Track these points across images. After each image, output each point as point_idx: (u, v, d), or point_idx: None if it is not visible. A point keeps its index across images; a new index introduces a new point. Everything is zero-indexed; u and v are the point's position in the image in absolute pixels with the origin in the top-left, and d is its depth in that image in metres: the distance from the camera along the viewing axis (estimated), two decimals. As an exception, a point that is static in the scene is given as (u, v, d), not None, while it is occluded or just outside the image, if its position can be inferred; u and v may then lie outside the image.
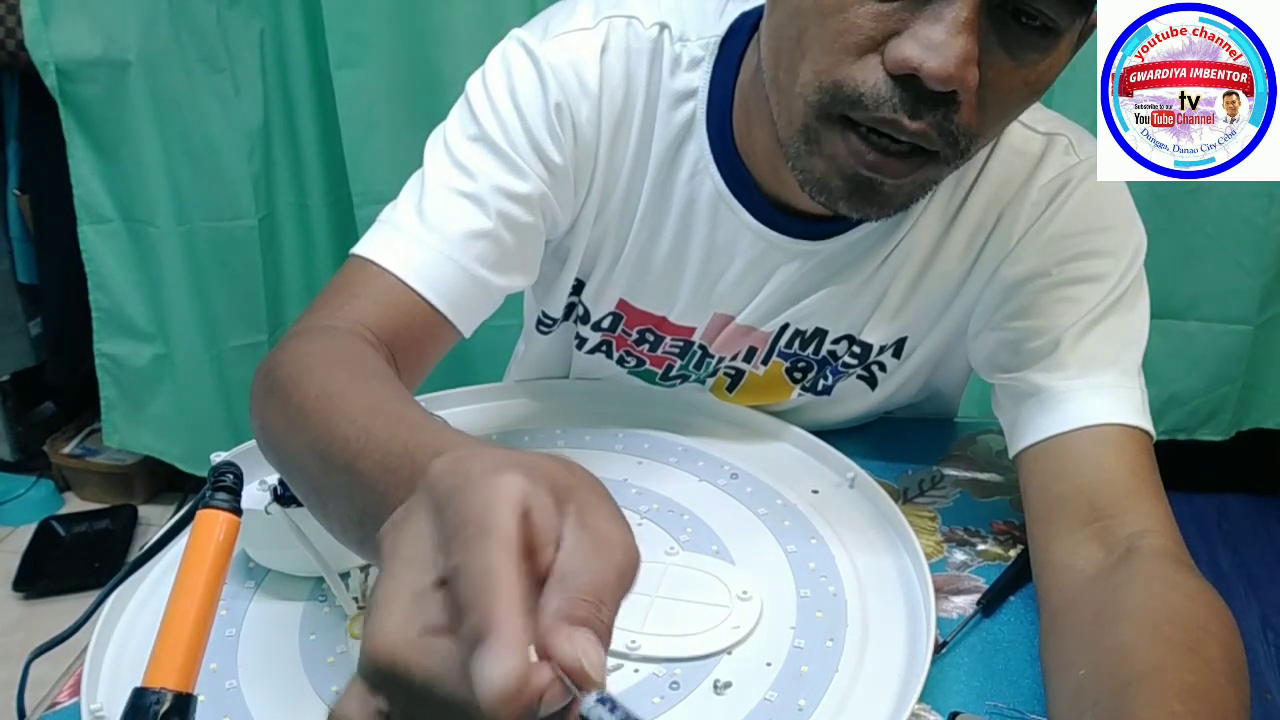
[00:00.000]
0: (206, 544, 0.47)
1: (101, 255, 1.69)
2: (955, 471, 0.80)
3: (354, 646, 0.61)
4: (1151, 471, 0.63)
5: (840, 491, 0.74)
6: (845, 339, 0.77)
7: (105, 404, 1.81)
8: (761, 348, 0.79)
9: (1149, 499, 0.62)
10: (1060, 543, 0.62)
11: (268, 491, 0.68)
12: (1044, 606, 0.61)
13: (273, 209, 1.70)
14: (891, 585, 0.65)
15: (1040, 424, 0.66)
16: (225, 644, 0.62)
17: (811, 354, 0.78)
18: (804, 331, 0.77)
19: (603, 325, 0.81)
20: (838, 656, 0.59)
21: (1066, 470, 0.64)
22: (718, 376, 0.83)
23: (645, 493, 0.74)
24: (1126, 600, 0.55)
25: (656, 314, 0.78)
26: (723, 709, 0.56)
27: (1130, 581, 0.57)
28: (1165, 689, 0.48)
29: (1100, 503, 0.62)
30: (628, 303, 0.78)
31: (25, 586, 1.84)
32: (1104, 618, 0.55)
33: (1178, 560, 0.58)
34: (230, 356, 1.78)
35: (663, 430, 0.82)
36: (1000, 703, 0.58)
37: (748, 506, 0.73)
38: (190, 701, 0.43)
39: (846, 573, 0.66)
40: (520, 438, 0.82)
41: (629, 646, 0.59)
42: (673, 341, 0.80)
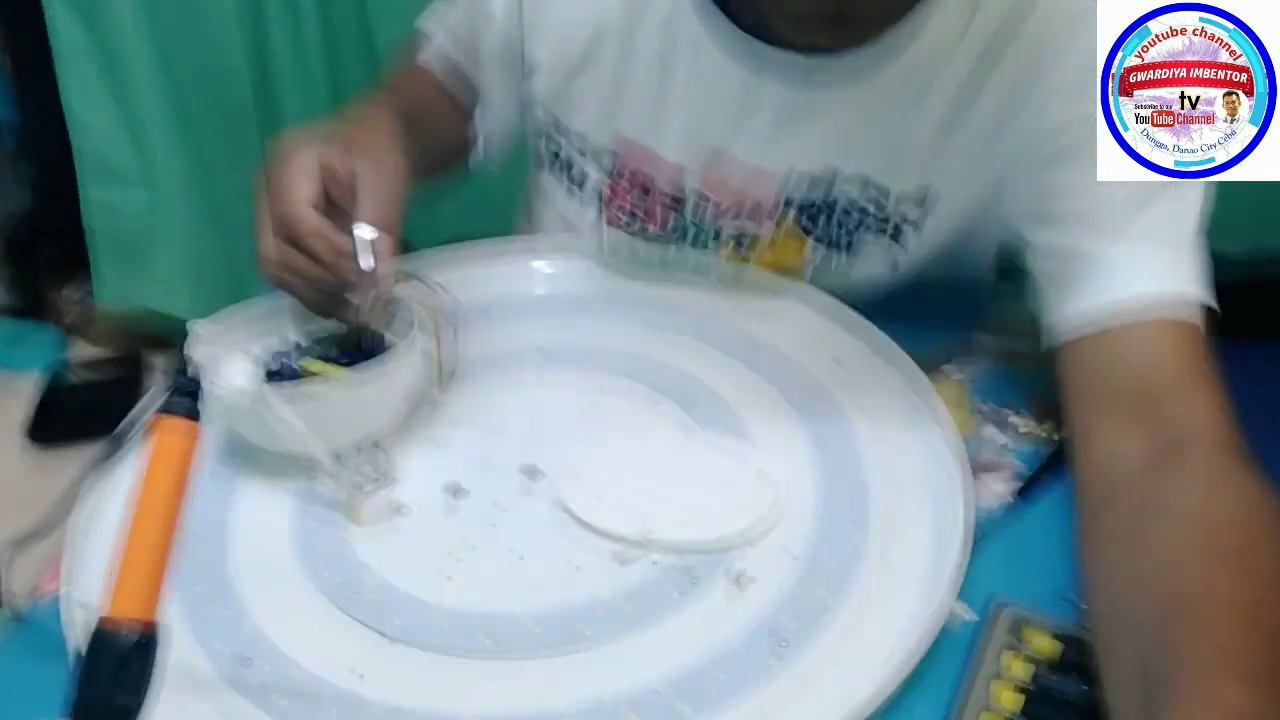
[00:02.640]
0: (166, 456, 0.43)
1: (80, 92, 1.57)
2: (991, 340, 0.73)
3: (353, 532, 0.58)
4: (1208, 356, 0.58)
5: (864, 360, 0.69)
6: (859, 180, 0.71)
7: (95, 256, 1.71)
8: (768, 198, 0.74)
9: (1203, 386, 0.56)
10: (1103, 432, 0.57)
11: (255, 364, 0.64)
12: (1082, 499, 0.57)
13: (261, 38, 1.58)
14: (922, 468, 0.61)
15: (1086, 301, 0.60)
16: (218, 530, 0.59)
17: (822, 197, 0.72)
18: (812, 171, 0.71)
19: (601, 163, 0.78)
20: (864, 547, 0.55)
21: (1113, 356, 0.59)
22: (725, 245, 0.78)
23: (658, 365, 0.70)
24: (1172, 501, 0.51)
25: (650, 147, 0.75)
26: (743, 604, 0.53)
27: (1177, 480, 0.52)
28: (1212, 614, 0.44)
29: (1150, 391, 0.57)
30: (623, 135, 0.76)
31: (39, 434, 1.84)
32: (1147, 519, 0.51)
33: (1231, 455, 0.53)
34: (226, 198, 1.67)
35: (678, 296, 0.77)
36: (1041, 586, 0.54)
37: (768, 379, 0.68)
38: (155, 633, 0.40)
39: (873, 454, 0.62)
40: (526, 301, 0.77)
41: (644, 534, 0.56)
42: (669, 187, 0.76)
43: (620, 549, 0.56)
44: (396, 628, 0.52)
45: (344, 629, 0.53)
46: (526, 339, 0.73)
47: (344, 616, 0.53)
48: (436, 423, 0.66)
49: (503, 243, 0.82)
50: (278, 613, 0.54)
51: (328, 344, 0.65)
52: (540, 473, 0.61)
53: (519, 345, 0.72)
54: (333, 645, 0.52)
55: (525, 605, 0.53)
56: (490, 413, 0.66)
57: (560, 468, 0.61)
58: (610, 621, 0.52)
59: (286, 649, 0.51)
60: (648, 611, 0.52)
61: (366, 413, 0.62)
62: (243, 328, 0.66)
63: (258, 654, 0.51)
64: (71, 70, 1.56)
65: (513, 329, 0.74)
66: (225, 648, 0.52)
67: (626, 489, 0.59)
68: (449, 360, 0.68)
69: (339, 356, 0.63)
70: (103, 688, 0.39)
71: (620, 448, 0.63)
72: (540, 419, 0.66)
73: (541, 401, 0.67)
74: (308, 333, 0.67)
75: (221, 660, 0.51)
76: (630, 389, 0.68)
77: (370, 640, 0.52)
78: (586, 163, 0.79)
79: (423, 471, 0.62)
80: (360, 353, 0.64)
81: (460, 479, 0.61)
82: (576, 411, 0.66)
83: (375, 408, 0.62)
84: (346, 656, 0.51)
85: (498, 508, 0.59)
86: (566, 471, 0.60)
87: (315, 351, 0.64)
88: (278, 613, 0.54)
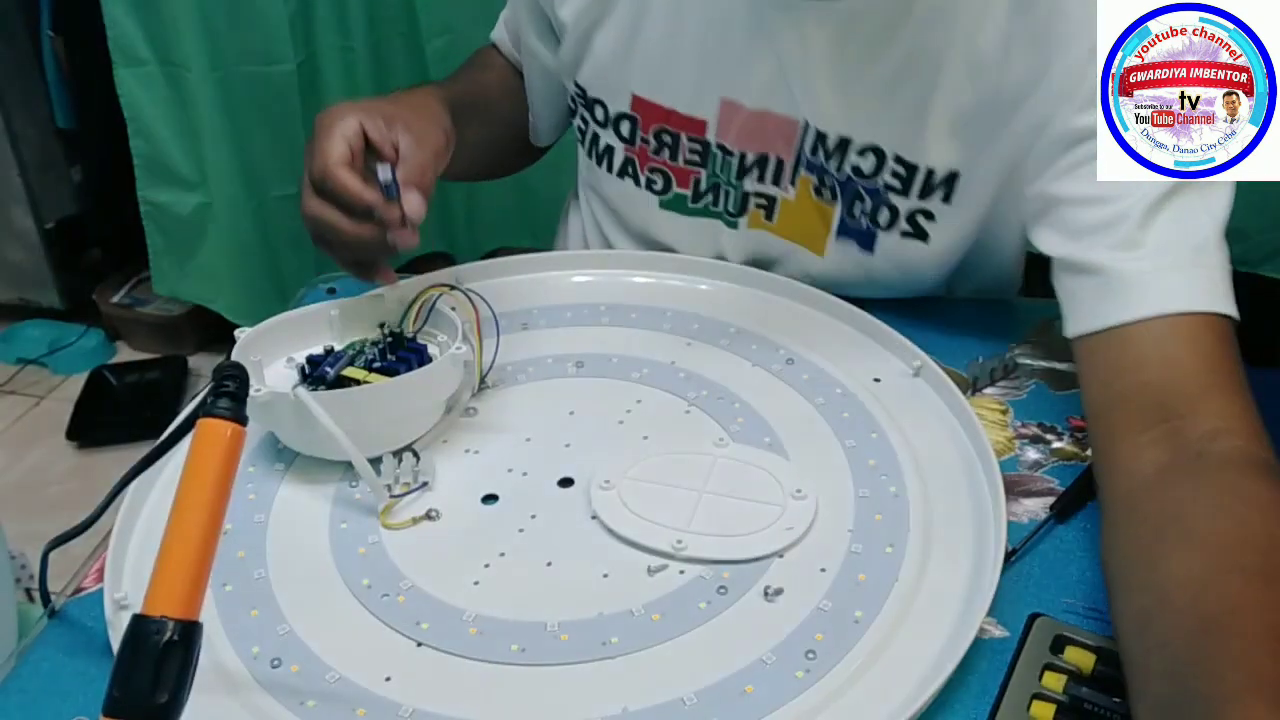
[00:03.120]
0: (208, 457, 0.43)
1: (139, 100, 1.63)
2: (1031, 360, 0.73)
3: (385, 536, 0.59)
4: (1231, 362, 0.56)
5: (904, 380, 0.69)
6: (872, 150, 0.71)
7: (153, 252, 1.80)
8: (787, 156, 0.74)
9: (1225, 394, 0.55)
10: (1123, 443, 0.56)
11: (295, 370, 0.65)
12: (1105, 513, 0.55)
13: (312, 52, 1.62)
14: (958, 487, 0.60)
15: (1103, 309, 0.59)
16: (254, 530, 0.59)
17: (835, 169, 0.72)
18: (824, 135, 0.71)
19: (621, 132, 0.79)
20: (898, 564, 0.55)
21: (1132, 364, 0.57)
22: (750, 211, 0.78)
23: (693, 377, 0.70)
24: (1192, 516, 0.49)
25: (666, 105, 0.76)
26: (773, 617, 0.52)
27: (1197, 493, 0.51)
28: (1247, 636, 0.43)
29: (1170, 401, 0.55)
30: (639, 97, 0.77)
31: (79, 436, 1.87)
32: (1167, 535, 0.49)
33: (1255, 464, 0.52)
34: (273, 206, 1.73)
35: (714, 309, 0.77)
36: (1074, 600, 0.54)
37: (803, 395, 0.68)
38: (195, 630, 0.40)
39: (909, 472, 0.61)
40: (563, 313, 0.77)
41: (675, 546, 0.56)
42: (690, 142, 0.77)
43: (650, 560, 0.56)
44: (426, 633, 0.52)
45: (374, 632, 0.53)
46: (562, 350, 0.73)
47: (374, 620, 0.54)
48: (471, 430, 0.66)
49: (540, 256, 0.83)
50: (309, 615, 0.54)
51: (369, 352, 0.66)
52: (572, 482, 0.61)
53: (555, 356, 0.73)
54: (362, 648, 0.52)
55: (554, 613, 0.53)
56: (525, 422, 0.66)
57: (593, 478, 0.61)
58: (639, 631, 0.52)
59: (317, 650, 0.52)
60: (676, 622, 0.52)
61: (404, 420, 0.62)
62: (285, 333, 0.67)
63: (288, 655, 0.52)
64: (131, 77, 1.62)
65: (549, 340, 0.74)
66: (256, 647, 0.52)
67: (659, 501, 0.59)
68: (485, 370, 0.68)
69: (379, 364, 0.64)
70: (142, 686, 0.39)
71: (654, 460, 0.63)
72: (574, 429, 0.66)
73: (576, 412, 0.67)
74: (349, 341, 0.67)
75: (251, 660, 0.52)
76: (666, 401, 0.68)
77: (399, 645, 0.52)
78: (607, 134, 0.80)
79: (456, 478, 0.62)
80: (399, 361, 0.64)
81: (493, 487, 0.61)
82: (611, 423, 0.66)
83: (413, 415, 0.63)
84: (375, 660, 0.51)
85: (529, 516, 0.59)
86: (599, 482, 0.60)
87: (357, 360, 0.65)
88: (309, 615, 0.54)
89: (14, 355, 2.09)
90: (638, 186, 0.82)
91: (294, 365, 0.66)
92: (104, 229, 2.09)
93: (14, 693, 0.51)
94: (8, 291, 2.15)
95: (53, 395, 2.02)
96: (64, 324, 2.13)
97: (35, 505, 1.73)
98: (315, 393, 0.59)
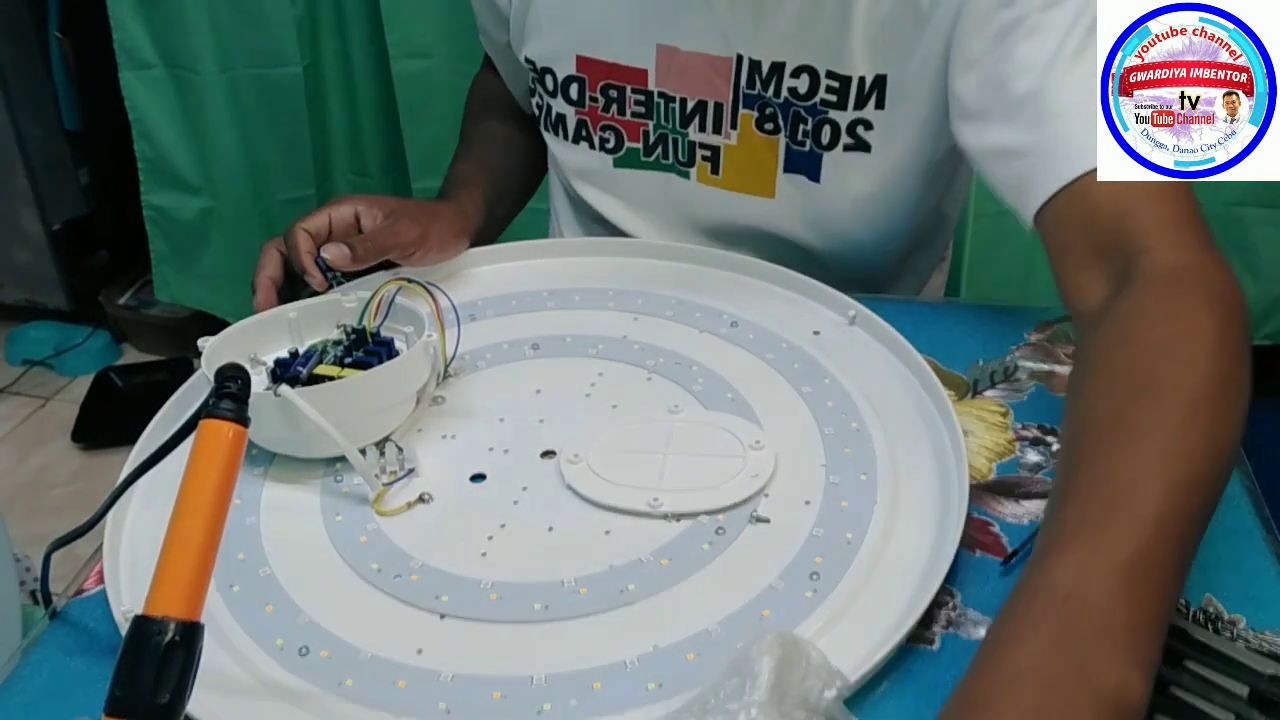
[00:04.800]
0: (211, 458, 0.44)
1: (144, 103, 1.61)
2: (1031, 363, 0.72)
3: (382, 523, 0.60)
4: (1191, 208, 0.58)
5: (841, 330, 0.74)
6: (805, 71, 0.75)
7: (155, 257, 1.77)
8: (725, 98, 0.79)
9: (1157, 212, 0.57)
10: (1074, 277, 0.59)
11: (263, 373, 0.65)
12: None
13: (317, 56, 1.61)
14: (909, 410, 0.65)
15: (1044, 177, 0.61)
16: (248, 532, 0.60)
17: (773, 95, 0.77)
18: (759, 64, 0.76)
19: (570, 95, 0.84)
20: (874, 488, 0.60)
21: (1083, 212, 0.59)
22: (697, 164, 0.83)
23: (648, 348, 0.73)
24: (1104, 336, 0.53)
25: (609, 60, 0.81)
26: (773, 549, 0.56)
27: (1111, 323, 0.54)
28: (1085, 483, 0.47)
29: (1113, 234, 0.58)
30: (583, 56, 0.82)
31: (85, 437, 1.82)
32: (1080, 359, 0.55)
33: (1172, 285, 0.54)
34: (279, 210, 1.71)
35: (653, 284, 0.80)
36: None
37: (753, 353, 0.72)
38: (197, 630, 0.41)
39: (864, 407, 0.66)
40: (508, 301, 0.79)
41: (651, 504, 0.58)
42: (635, 94, 0.82)
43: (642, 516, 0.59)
44: (447, 605, 0.54)
45: (395, 611, 0.54)
46: (516, 335, 0.75)
47: (392, 600, 0.55)
48: (444, 417, 0.68)
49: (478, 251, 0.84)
50: (327, 604, 0.55)
51: (334, 351, 0.66)
52: (555, 453, 0.64)
53: (510, 341, 0.75)
54: (387, 627, 0.53)
55: (568, 571, 0.55)
56: (495, 404, 0.68)
57: (563, 451, 0.63)
58: (652, 576, 0.55)
59: (343, 635, 0.53)
60: (685, 564, 0.55)
61: (384, 411, 0.64)
62: (249, 338, 0.67)
63: (315, 642, 0.52)
64: (136, 80, 1.60)
65: (500, 328, 0.76)
66: (280, 639, 0.53)
67: (629, 465, 0.62)
68: (450, 358, 0.70)
69: (350, 360, 0.65)
70: (144, 686, 0.39)
71: (615, 431, 0.65)
72: (545, 406, 0.68)
73: (543, 390, 0.70)
74: (310, 343, 0.68)
75: (278, 651, 0.52)
76: (626, 372, 0.71)
77: (423, 619, 0.53)
78: (558, 103, 0.84)
79: (440, 463, 0.64)
80: (369, 355, 0.65)
81: (478, 466, 0.63)
82: (579, 396, 0.69)
83: (392, 405, 0.64)
84: (403, 636, 0.52)
85: (520, 488, 0.61)
86: (568, 455, 0.62)
87: (326, 358, 0.65)
88: (327, 604, 0.55)
89: (20, 356, 2.06)
90: (593, 149, 0.86)
91: (261, 369, 0.66)
92: (111, 231, 2.05)
93: (16, 693, 0.51)
94: (14, 293, 2.12)
95: (59, 397, 1.97)
96: (70, 325, 2.09)
97: (41, 507, 1.69)
98: (299, 389, 0.59)
